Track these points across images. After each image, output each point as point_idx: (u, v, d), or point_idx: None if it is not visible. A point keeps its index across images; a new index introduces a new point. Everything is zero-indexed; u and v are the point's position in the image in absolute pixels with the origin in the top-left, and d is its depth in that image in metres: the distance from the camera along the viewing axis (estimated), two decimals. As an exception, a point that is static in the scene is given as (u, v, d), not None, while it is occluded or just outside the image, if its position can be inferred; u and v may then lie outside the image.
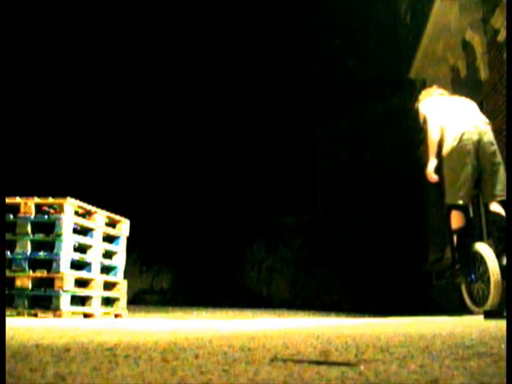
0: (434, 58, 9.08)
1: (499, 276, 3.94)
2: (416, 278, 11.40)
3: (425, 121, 4.79)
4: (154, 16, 17.43)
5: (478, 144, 4.38)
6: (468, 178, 4.36)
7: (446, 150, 4.47)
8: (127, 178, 16.03)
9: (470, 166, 4.35)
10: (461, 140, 4.38)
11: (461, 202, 4.37)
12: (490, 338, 2.21)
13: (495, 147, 4.46)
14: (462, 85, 8.58)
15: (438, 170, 4.60)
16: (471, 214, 4.59)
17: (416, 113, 5.11)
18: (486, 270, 4.05)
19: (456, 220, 4.40)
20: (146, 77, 17.13)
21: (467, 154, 4.36)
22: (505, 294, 3.86)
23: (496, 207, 4.30)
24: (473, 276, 4.31)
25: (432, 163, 4.57)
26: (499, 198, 4.32)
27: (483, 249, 4.17)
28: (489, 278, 4.00)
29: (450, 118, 4.58)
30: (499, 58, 6.62)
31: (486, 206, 4.44)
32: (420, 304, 10.19)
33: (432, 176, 4.60)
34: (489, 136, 4.48)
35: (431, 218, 10.63)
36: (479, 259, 4.20)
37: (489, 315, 4.01)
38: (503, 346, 1.82)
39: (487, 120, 4.68)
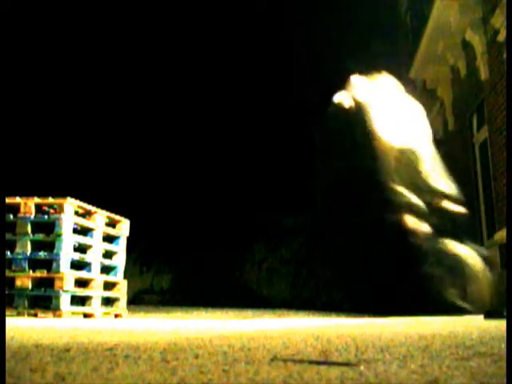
0: (434, 58, 9.07)
1: (486, 272, 3.94)
2: (416, 277, 11.37)
3: None
4: (154, 17, 17.44)
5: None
6: None
7: None
8: (127, 177, 16.03)
9: None
10: None
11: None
12: (490, 337, 2.21)
13: None
14: (462, 85, 8.58)
15: None
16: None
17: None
18: (471, 269, 4.05)
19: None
20: (145, 77, 17.13)
21: None
22: (504, 294, 3.86)
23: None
24: (460, 278, 4.31)
25: None
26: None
27: (462, 250, 4.17)
28: (476, 276, 4.00)
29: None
30: (499, 58, 6.62)
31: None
32: (420, 304, 10.16)
33: None
34: None
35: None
36: (461, 260, 4.20)
37: (489, 315, 4.01)
38: (503, 345, 1.82)
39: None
